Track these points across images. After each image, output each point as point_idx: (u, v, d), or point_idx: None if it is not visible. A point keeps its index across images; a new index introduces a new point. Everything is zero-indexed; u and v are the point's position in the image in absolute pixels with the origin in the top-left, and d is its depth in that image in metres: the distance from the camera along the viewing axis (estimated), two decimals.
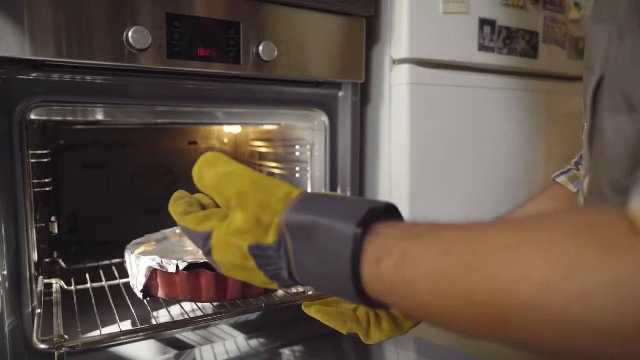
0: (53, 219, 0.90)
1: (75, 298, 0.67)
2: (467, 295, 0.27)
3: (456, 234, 0.29)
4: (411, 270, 0.29)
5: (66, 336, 0.48)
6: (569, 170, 0.61)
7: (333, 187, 0.88)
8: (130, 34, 0.63)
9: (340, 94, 0.87)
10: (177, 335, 0.73)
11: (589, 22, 0.50)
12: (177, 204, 0.44)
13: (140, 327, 0.55)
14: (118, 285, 0.73)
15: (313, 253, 0.34)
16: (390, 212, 0.35)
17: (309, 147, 0.92)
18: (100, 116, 0.70)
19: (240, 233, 0.37)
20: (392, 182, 0.91)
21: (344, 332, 0.51)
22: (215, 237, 0.39)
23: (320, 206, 0.35)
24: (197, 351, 0.73)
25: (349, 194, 0.89)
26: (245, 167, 0.41)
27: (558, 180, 0.61)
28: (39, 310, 0.56)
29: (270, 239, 0.37)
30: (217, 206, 0.43)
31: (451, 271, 0.27)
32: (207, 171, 0.41)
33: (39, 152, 0.81)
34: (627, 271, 0.21)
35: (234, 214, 0.39)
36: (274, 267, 0.37)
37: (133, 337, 0.65)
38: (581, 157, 0.61)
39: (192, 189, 0.45)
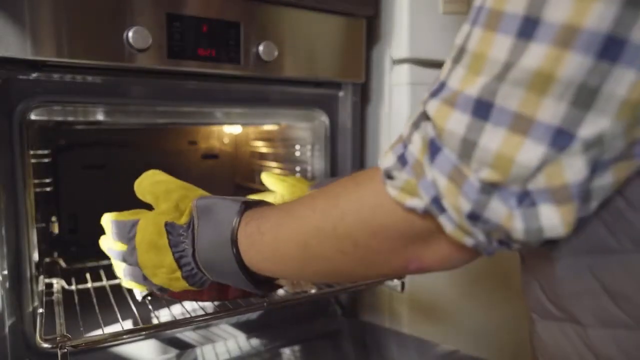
0: (53, 218, 0.90)
1: (76, 297, 0.68)
2: (286, 234, 0.40)
3: (295, 202, 0.42)
4: (264, 225, 0.42)
5: (69, 335, 0.48)
6: None
7: None
8: (130, 34, 0.63)
9: (340, 93, 0.87)
10: (178, 335, 0.73)
11: None
12: (113, 214, 0.55)
13: (142, 326, 0.55)
14: (119, 285, 0.73)
15: (210, 226, 0.45)
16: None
17: (309, 147, 0.92)
18: (100, 116, 0.70)
19: (162, 215, 0.48)
20: None
21: None
22: (141, 221, 0.49)
23: (223, 197, 0.47)
24: (198, 350, 0.73)
25: None
26: (180, 181, 0.52)
27: None
28: (40, 310, 0.56)
29: (183, 220, 0.47)
30: None
31: (282, 221, 0.41)
32: (146, 179, 0.53)
33: (40, 152, 0.81)
34: (366, 196, 0.35)
35: (160, 205, 0.50)
36: (181, 247, 0.46)
37: (135, 336, 0.65)
38: None
39: None
